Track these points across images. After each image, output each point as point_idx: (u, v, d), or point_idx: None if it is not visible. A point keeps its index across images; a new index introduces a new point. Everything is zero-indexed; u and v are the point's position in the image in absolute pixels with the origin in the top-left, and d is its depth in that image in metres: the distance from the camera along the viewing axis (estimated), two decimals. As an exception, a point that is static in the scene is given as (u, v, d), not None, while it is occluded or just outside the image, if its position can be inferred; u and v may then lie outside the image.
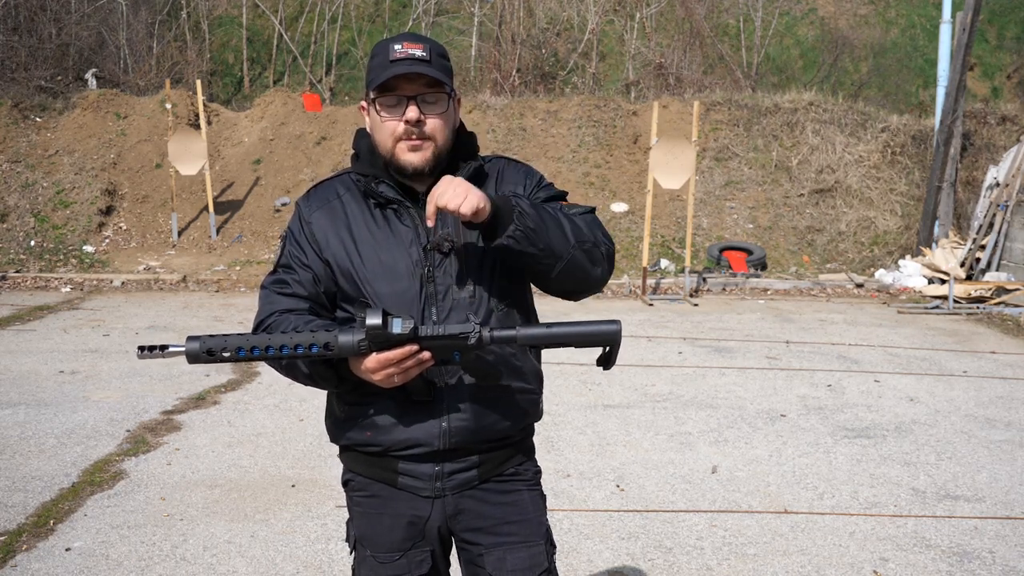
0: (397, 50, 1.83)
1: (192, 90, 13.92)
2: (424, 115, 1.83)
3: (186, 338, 1.75)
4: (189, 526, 4.04)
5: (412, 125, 1.82)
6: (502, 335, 1.76)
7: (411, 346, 1.72)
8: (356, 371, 1.78)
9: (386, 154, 1.88)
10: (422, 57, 1.82)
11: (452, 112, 1.90)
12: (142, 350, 1.74)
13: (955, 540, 3.99)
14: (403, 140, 1.84)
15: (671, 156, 10.14)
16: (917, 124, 13.43)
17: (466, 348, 1.76)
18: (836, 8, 21.11)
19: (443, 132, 1.87)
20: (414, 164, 1.85)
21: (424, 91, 1.83)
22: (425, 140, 1.84)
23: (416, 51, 1.82)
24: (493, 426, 1.92)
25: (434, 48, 1.86)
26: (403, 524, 1.94)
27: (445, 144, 1.88)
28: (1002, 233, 10.68)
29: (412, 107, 1.82)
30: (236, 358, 1.73)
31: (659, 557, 3.79)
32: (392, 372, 1.73)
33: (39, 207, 12.23)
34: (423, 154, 1.85)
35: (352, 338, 1.72)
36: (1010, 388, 6.59)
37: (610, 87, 18.43)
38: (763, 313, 9.64)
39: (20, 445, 5.08)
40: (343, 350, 1.72)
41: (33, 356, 7.18)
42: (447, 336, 1.74)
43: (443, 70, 1.86)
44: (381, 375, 1.74)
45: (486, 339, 1.75)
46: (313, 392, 6.00)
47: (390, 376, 1.74)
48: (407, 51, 1.82)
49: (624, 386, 6.51)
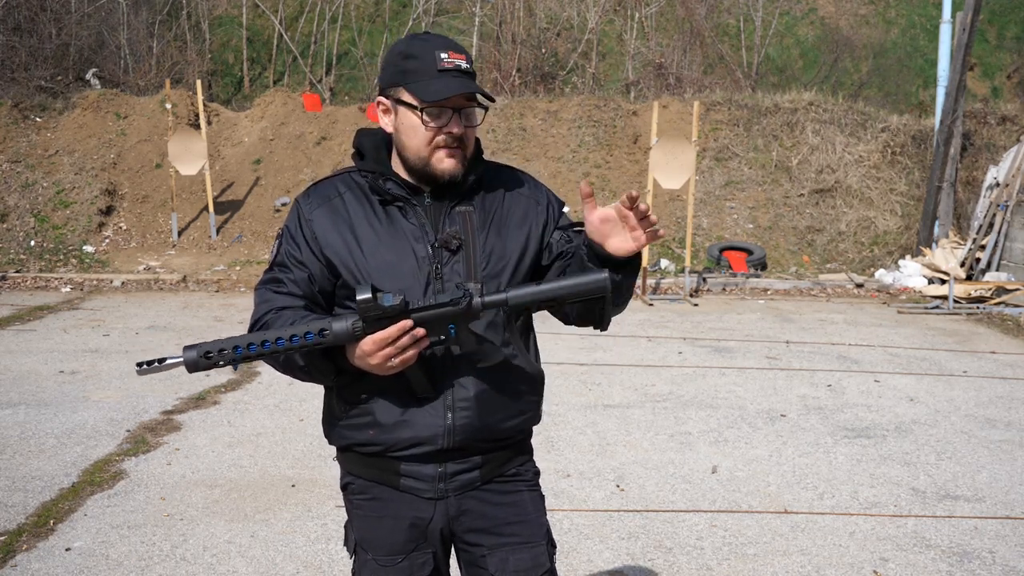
0: (444, 59, 1.83)
1: (192, 90, 13.91)
2: (465, 127, 1.87)
3: (183, 348, 1.75)
4: (189, 526, 4.04)
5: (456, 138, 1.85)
6: (493, 299, 1.76)
7: (405, 321, 1.72)
8: (353, 360, 1.78)
9: (418, 160, 1.87)
10: (468, 70, 1.85)
11: None
12: (140, 366, 1.75)
13: (955, 540, 3.99)
14: (442, 148, 1.85)
15: (671, 156, 10.14)
16: (917, 124, 13.43)
17: (459, 317, 1.75)
18: (836, 8, 21.11)
19: (472, 140, 1.92)
20: (451, 172, 1.87)
21: (468, 105, 1.86)
22: (460, 149, 1.88)
23: (462, 63, 1.85)
24: (496, 425, 1.92)
25: (469, 57, 1.89)
26: (405, 526, 1.94)
27: (472, 152, 1.92)
28: (1002, 233, 10.68)
29: (456, 120, 1.84)
30: (235, 358, 1.74)
31: (659, 557, 3.79)
32: (388, 353, 1.72)
33: (39, 207, 12.23)
34: (456, 162, 1.87)
35: (346, 323, 1.72)
36: (1010, 388, 6.59)
37: (610, 87, 18.43)
38: (763, 313, 9.65)
39: (20, 445, 5.08)
40: (338, 336, 1.73)
41: (33, 356, 7.18)
42: (438, 305, 1.74)
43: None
44: (378, 358, 1.73)
45: (477, 304, 1.75)
46: (313, 392, 6.01)
47: (387, 358, 1.73)
48: (454, 62, 1.83)
49: (624, 386, 6.51)
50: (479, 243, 1.89)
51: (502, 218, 1.94)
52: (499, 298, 1.76)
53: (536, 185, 2.04)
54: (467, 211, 1.91)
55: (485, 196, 1.95)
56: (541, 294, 1.76)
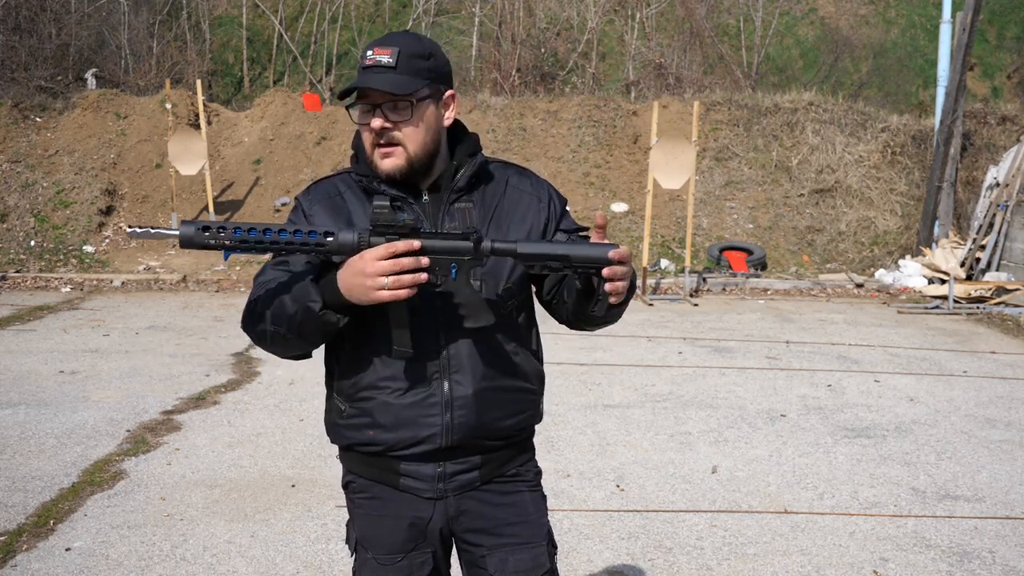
0: (368, 56, 1.82)
1: (192, 90, 13.91)
2: (391, 123, 1.82)
3: (180, 222, 1.73)
4: (189, 526, 4.04)
5: (378, 134, 1.83)
6: (503, 246, 1.75)
7: (414, 240, 1.71)
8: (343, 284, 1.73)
9: (368, 160, 1.88)
10: (388, 64, 1.80)
11: (428, 117, 1.85)
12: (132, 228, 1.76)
13: (955, 540, 3.99)
14: (377, 147, 1.85)
15: (671, 156, 10.14)
16: (917, 124, 13.43)
17: (466, 255, 1.74)
18: (836, 8, 21.11)
19: (415, 138, 1.84)
20: (386, 170, 1.85)
21: (390, 99, 1.81)
22: (395, 146, 1.83)
23: (383, 57, 1.80)
24: (495, 423, 1.91)
25: (406, 50, 1.82)
26: (404, 526, 1.94)
27: (421, 149, 1.85)
28: (1002, 233, 10.68)
29: (377, 116, 1.82)
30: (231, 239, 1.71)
31: (659, 557, 3.79)
32: (386, 268, 1.68)
33: (39, 207, 12.23)
34: (394, 160, 1.84)
35: (353, 233, 1.73)
36: (1010, 388, 6.59)
37: (610, 87, 18.43)
38: (763, 313, 9.65)
39: (20, 445, 5.08)
40: (343, 244, 1.72)
41: (33, 356, 7.18)
42: (448, 235, 1.74)
43: (414, 73, 1.82)
44: (373, 271, 1.68)
45: (486, 247, 1.74)
46: (313, 392, 6.01)
47: (382, 273, 1.68)
48: (375, 58, 1.81)
49: (624, 386, 6.51)
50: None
51: (503, 214, 1.93)
52: (509, 246, 1.75)
53: (538, 181, 2.02)
54: (466, 207, 1.90)
55: (485, 192, 1.94)
56: (551, 250, 1.74)
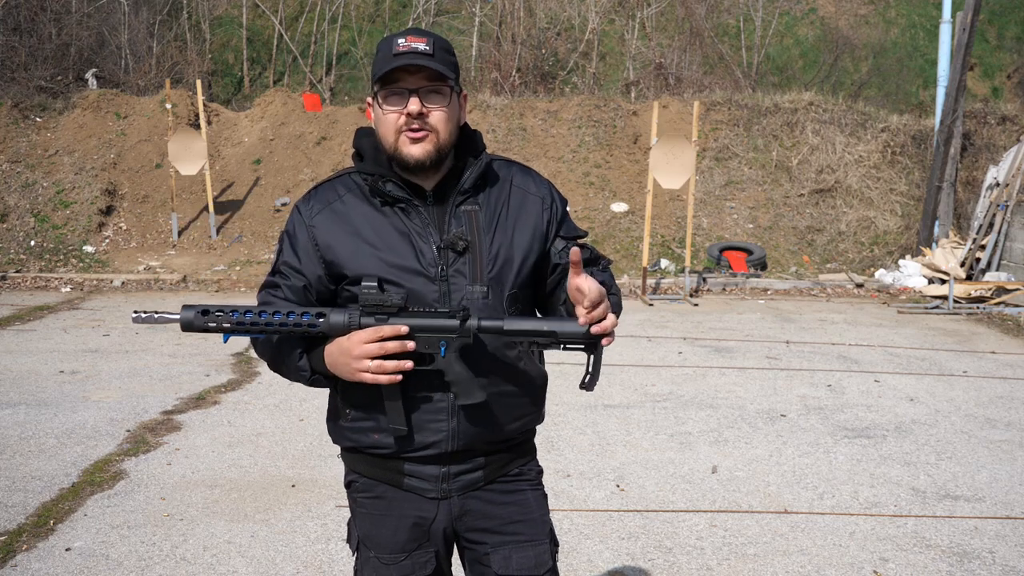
0: (400, 44, 1.82)
1: (192, 90, 13.92)
2: (426, 108, 1.82)
3: (181, 306, 1.79)
4: (189, 526, 4.04)
5: (414, 117, 1.82)
6: (489, 324, 1.77)
7: (401, 326, 1.75)
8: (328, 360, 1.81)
9: (389, 148, 1.86)
10: (425, 51, 1.82)
11: (456, 107, 1.88)
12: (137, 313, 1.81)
13: (955, 540, 3.99)
14: (404, 132, 1.83)
15: (671, 156, 10.14)
16: (917, 124, 13.43)
17: (452, 333, 1.76)
18: (836, 8, 21.10)
19: (446, 126, 1.85)
20: (416, 156, 1.83)
21: (426, 84, 1.82)
22: (427, 132, 1.83)
23: (419, 45, 1.82)
24: (500, 428, 1.92)
25: (438, 43, 1.85)
26: (408, 525, 1.94)
27: (448, 138, 1.86)
28: (1002, 233, 10.68)
29: (414, 99, 1.81)
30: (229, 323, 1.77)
31: (659, 557, 3.79)
32: (371, 351, 1.73)
33: (39, 207, 12.23)
34: (424, 146, 1.83)
35: (344, 315, 1.76)
36: (1010, 388, 6.59)
37: (610, 87, 18.43)
38: (763, 313, 9.64)
39: (20, 445, 5.08)
40: (333, 326, 1.76)
41: (33, 356, 7.18)
42: (435, 314, 1.77)
43: (447, 64, 1.84)
44: (359, 353, 1.74)
45: (472, 326, 1.76)
46: (313, 392, 6.01)
47: (368, 356, 1.74)
48: (410, 45, 1.82)
49: (624, 386, 6.51)
50: (485, 244, 1.87)
51: (508, 216, 1.92)
52: (495, 324, 1.77)
53: (541, 181, 2.02)
54: (473, 210, 1.89)
55: (490, 193, 1.93)
56: (537, 326, 1.77)
